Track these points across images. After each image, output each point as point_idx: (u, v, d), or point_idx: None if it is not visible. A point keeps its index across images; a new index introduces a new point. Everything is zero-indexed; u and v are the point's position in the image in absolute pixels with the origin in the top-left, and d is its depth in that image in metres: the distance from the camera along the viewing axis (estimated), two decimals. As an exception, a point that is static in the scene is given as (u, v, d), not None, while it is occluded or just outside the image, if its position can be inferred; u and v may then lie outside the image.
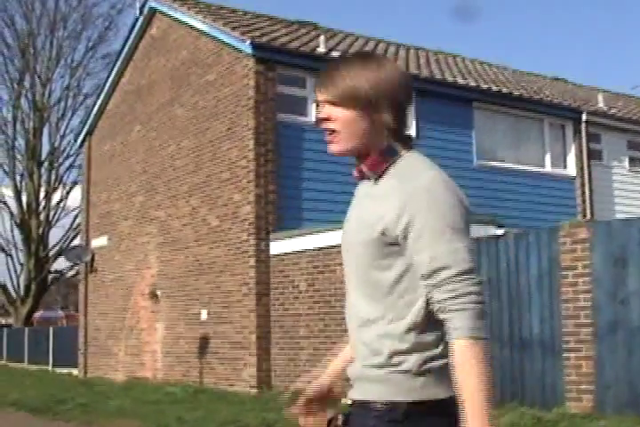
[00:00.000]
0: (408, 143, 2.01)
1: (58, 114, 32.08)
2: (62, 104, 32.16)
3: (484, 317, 1.81)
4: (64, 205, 32.27)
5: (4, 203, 31.83)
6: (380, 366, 1.90)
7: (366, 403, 1.93)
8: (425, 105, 14.71)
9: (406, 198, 1.87)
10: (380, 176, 1.98)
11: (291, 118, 13.41)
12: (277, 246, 12.56)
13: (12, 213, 31.68)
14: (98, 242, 17.56)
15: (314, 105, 13.60)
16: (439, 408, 1.88)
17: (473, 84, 15.37)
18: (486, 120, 15.70)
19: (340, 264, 10.78)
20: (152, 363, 15.15)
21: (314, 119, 13.65)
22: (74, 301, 64.37)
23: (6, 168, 31.81)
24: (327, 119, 1.99)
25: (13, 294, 31.89)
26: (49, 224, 31.64)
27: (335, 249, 11.50)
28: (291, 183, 13.14)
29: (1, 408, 12.41)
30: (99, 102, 17.91)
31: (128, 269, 16.26)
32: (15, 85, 31.72)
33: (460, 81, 15.24)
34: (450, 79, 15.08)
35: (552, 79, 21.08)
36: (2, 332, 25.50)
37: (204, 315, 13.64)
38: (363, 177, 2.06)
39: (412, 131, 14.60)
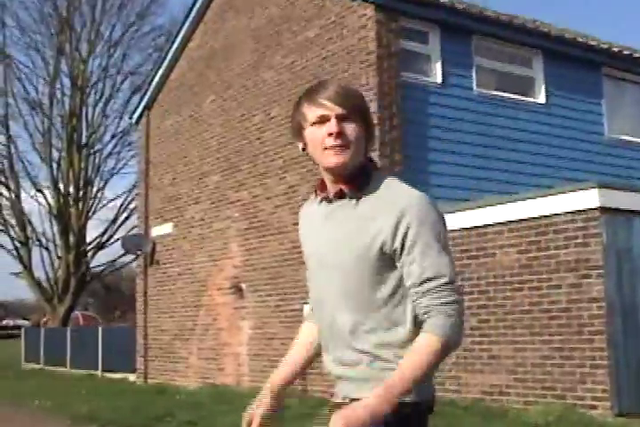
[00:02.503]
0: (375, 164, 2.16)
1: (96, 96, 29.92)
2: (100, 85, 30.01)
3: (460, 326, 1.97)
4: (101, 196, 30.06)
5: (40, 191, 29.48)
6: (383, 370, 2.03)
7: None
8: (554, 68, 12.77)
9: (400, 214, 1.99)
10: (360, 196, 2.07)
11: (414, 78, 11.37)
12: (408, 228, 10.51)
13: (48, 204, 29.36)
14: (160, 230, 15.44)
15: (439, 64, 11.59)
16: (429, 406, 2.07)
17: (603, 45, 13.35)
18: (615, 88, 13.69)
19: (501, 247, 8.68)
20: (235, 368, 13.05)
21: (439, 80, 11.67)
22: (81, 302, 62.21)
23: (42, 154, 29.45)
24: (340, 133, 2.04)
25: (49, 290, 29.41)
26: (87, 215, 29.25)
27: (493, 228, 9.49)
28: (416, 154, 11.10)
29: (75, 424, 10.31)
30: (159, 73, 15.79)
31: (200, 260, 14.15)
32: (53, 62, 29.39)
33: (591, 42, 13.21)
34: (580, 39, 13.06)
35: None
36: (38, 332, 23.21)
37: (307, 311, 11.54)
38: (328, 198, 2.14)
39: (540, 97, 12.61)
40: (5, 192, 29.30)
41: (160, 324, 15.21)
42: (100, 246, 29.62)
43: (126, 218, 30.11)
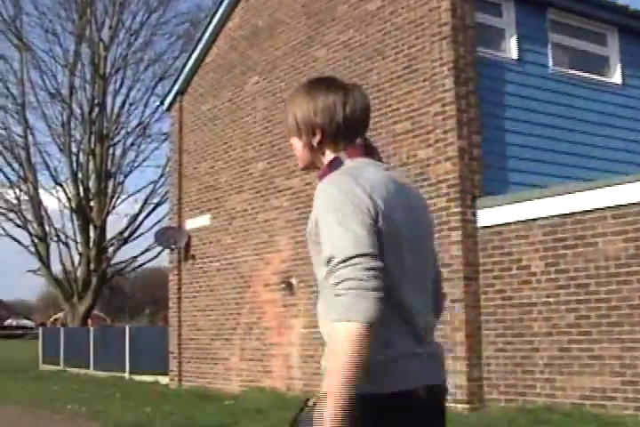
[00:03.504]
0: (360, 151, 2.21)
1: (116, 85, 28.78)
2: (121, 74, 28.85)
3: (365, 300, 1.85)
4: (121, 190, 28.84)
5: (60, 184, 28.25)
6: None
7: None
8: (630, 47, 11.83)
9: (316, 212, 2.04)
10: None
11: (488, 53, 10.42)
12: (489, 215, 9.56)
13: (68, 198, 28.09)
14: (196, 222, 14.44)
15: (514, 39, 10.67)
16: (393, 401, 1.97)
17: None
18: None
19: (603, 235, 7.69)
20: (284, 370, 12.06)
21: (514, 56, 10.67)
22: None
23: (61, 146, 28.20)
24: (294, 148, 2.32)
25: (68, 288, 28.12)
26: (108, 209, 28.02)
27: (593, 215, 8.54)
28: (493, 136, 10.13)
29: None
30: (194, 55, 14.81)
31: (243, 253, 13.16)
32: (73, 48, 28.23)
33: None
34: (657, 14, 12.11)
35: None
36: (57, 333, 22.13)
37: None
38: None
39: (616, 76, 11.68)
40: (23, 186, 28.20)
41: (197, 323, 14.21)
42: (124, 242, 28.48)
43: (149, 212, 29.08)
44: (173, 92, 15.26)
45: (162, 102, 15.73)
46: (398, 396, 1.97)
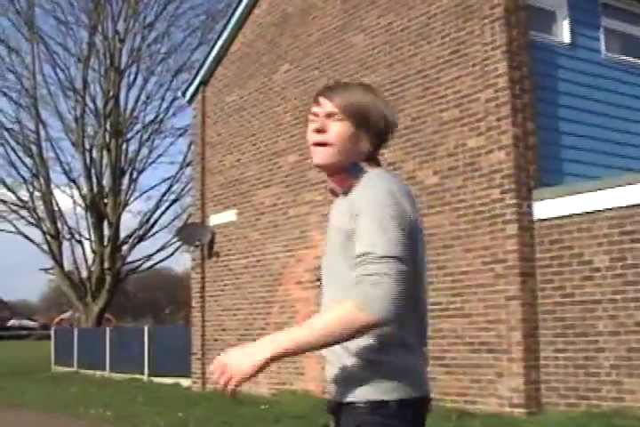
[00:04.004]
0: (376, 162, 2.16)
1: (129, 79, 28.07)
2: (136, 67, 28.13)
3: (387, 298, 1.84)
4: (134, 187, 28.13)
5: (73, 181, 27.52)
6: (356, 366, 1.99)
7: (353, 404, 1.97)
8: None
9: (358, 206, 1.99)
10: (348, 192, 2.09)
11: (540, 37, 9.85)
12: (547, 207, 8.98)
13: (82, 195, 27.40)
14: (220, 218, 13.84)
15: (566, 22, 10.10)
16: (415, 406, 1.97)
17: None
18: None
19: None
20: (318, 372, 11.48)
21: (567, 40, 10.12)
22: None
23: (74, 141, 27.28)
24: (321, 131, 2.10)
25: (81, 288, 27.36)
26: (123, 207, 27.30)
27: (665, 206, 7.97)
28: (547, 123, 9.57)
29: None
30: (218, 45, 14.20)
31: (273, 250, 12.57)
32: (87, 40, 27.49)
33: None
34: None
35: None
36: (71, 333, 21.47)
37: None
38: (335, 194, 2.19)
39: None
40: (35, 182, 27.47)
41: (222, 322, 13.61)
42: (139, 240, 27.79)
43: (165, 209, 28.45)
44: (196, 83, 14.65)
45: (183, 94, 15.11)
46: (423, 399, 2.01)
